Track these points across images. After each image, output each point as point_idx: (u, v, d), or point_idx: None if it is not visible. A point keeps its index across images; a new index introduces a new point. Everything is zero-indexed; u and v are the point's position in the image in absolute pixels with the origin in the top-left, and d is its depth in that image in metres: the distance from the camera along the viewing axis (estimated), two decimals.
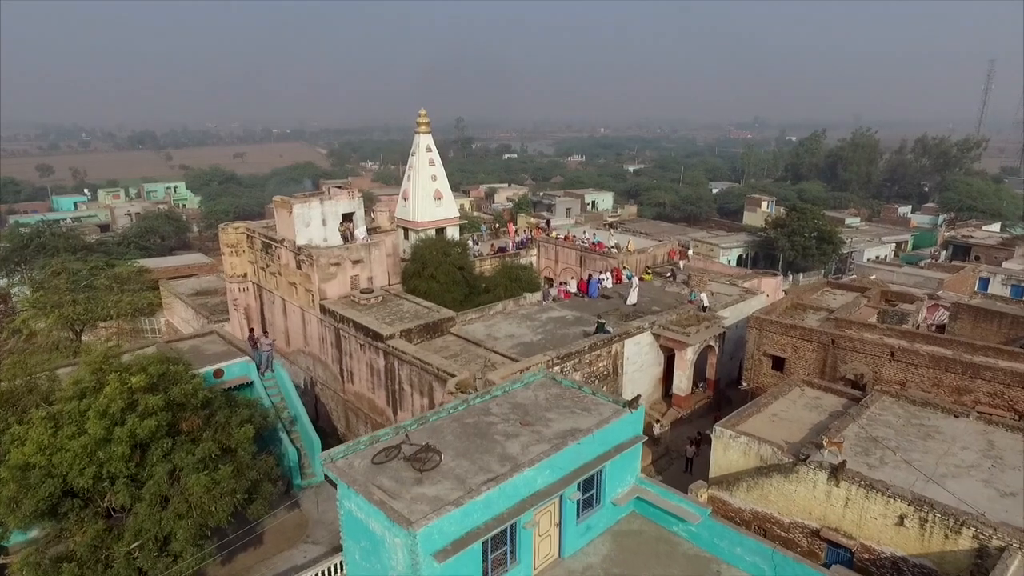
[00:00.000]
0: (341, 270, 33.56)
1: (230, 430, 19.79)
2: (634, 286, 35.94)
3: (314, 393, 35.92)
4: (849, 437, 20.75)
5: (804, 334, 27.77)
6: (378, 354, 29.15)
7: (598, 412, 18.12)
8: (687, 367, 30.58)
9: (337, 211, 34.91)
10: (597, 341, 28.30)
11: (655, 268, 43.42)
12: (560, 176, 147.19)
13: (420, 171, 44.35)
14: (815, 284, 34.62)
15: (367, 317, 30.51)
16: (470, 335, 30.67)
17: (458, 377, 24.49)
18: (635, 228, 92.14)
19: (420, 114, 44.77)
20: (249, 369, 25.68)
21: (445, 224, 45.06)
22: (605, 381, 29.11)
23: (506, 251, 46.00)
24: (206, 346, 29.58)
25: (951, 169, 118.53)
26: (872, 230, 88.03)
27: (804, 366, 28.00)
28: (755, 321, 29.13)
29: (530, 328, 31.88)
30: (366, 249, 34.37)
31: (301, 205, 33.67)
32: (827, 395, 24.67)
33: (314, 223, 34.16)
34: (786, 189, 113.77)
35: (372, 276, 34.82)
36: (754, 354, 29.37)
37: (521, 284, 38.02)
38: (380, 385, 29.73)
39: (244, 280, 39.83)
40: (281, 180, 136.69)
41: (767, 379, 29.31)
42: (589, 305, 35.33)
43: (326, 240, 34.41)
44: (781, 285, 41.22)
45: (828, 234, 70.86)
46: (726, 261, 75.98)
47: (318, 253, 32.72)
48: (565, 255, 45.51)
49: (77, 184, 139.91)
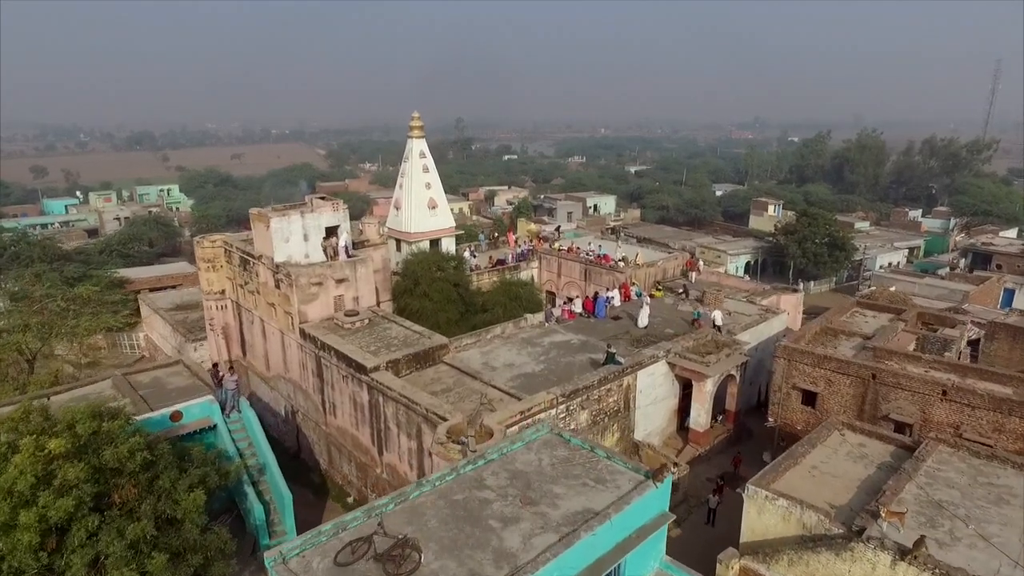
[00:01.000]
0: (323, 290, 30.26)
1: (177, 496, 16.52)
2: (644, 305, 32.67)
3: (295, 423, 32.66)
4: (908, 502, 17.47)
5: (840, 367, 24.48)
6: (361, 387, 25.87)
7: (615, 484, 14.83)
8: (706, 400, 27.30)
9: (320, 224, 31.57)
10: (607, 374, 25.02)
11: (665, 283, 40.15)
12: (561, 178, 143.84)
13: (413, 178, 41.04)
14: (844, 305, 31.33)
15: (350, 345, 27.21)
16: (465, 364, 27.38)
17: (450, 422, 21.21)
18: (639, 233, 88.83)
19: (413, 117, 41.45)
20: (212, 411, 22.41)
21: (440, 235, 41.76)
22: (615, 418, 25.83)
23: (505, 264, 42.68)
24: (170, 379, 26.32)
25: (960, 171, 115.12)
26: (883, 235, 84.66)
27: (840, 402, 24.71)
28: (784, 351, 25.84)
29: (531, 355, 28.59)
30: (351, 267, 31.05)
31: (279, 219, 30.35)
32: (872, 441, 21.38)
33: (294, 238, 30.83)
34: (791, 192, 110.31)
35: (358, 296, 31.51)
36: (782, 387, 26.09)
37: (521, 303, 34.73)
38: (364, 421, 26.46)
39: (222, 297, 36.54)
40: (277, 182, 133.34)
41: (797, 415, 26.03)
42: (596, 327, 32.04)
43: (308, 256, 31.10)
44: (802, 302, 37.97)
45: (841, 241, 67.65)
46: (734, 268, 72.83)
47: (297, 272, 29.41)
48: (568, 268, 42.21)
49: (69, 186, 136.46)
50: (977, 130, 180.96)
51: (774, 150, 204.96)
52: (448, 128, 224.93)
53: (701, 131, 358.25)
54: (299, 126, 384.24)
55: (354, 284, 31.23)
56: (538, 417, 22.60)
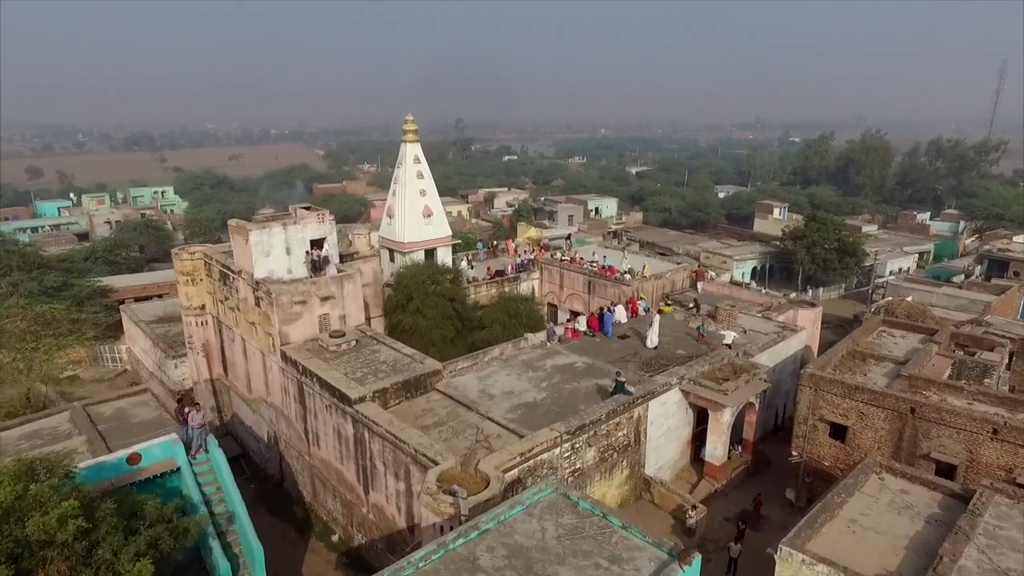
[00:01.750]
0: (307, 309, 27.75)
1: (120, 568, 14.05)
2: (653, 324, 30.14)
3: (278, 449, 30.17)
4: (970, 570, 15.00)
5: (874, 398, 21.98)
6: (346, 419, 23.37)
7: (633, 565, 12.36)
8: (723, 432, 24.81)
9: (304, 237, 29.07)
10: (616, 406, 22.52)
11: (674, 296, 37.66)
12: (561, 179, 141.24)
13: (407, 185, 38.52)
14: (870, 324, 28.84)
15: (334, 372, 24.71)
16: (460, 392, 24.89)
17: (441, 466, 18.71)
18: (641, 237, 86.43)
19: (407, 120, 38.92)
20: (175, 451, 19.90)
21: (435, 244, 39.24)
22: (625, 453, 23.33)
23: (504, 275, 40.11)
24: (135, 410, 23.84)
25: (967, 173, 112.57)
26: (891, 239, 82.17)
27: (874, 438, 22.22)
28: (810, 379, 23.33)
29: (532, 381, 26.08)
30: (338, 283, 28.54)
31: (260, 231, 27.84)
32: (916, 487, 18.91)
33: (276, 252, 28.33)
34: (796, 194, 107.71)
35: (345, 314, 29.00)
36: (808, 418, 23.58)
37: (521, 320, 32.21)
38: (349, 456, 23.97)
39: (202, 312, 34.06)
40: (273, 184, 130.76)
41: (824, 449, 23.53)
42: (602, 348, 29.54)
43: (291, 272, 28.61)
44: (820, 317, 35.48)
45: (851, 246, 65.11)
46: (740, 275, 70.32)
47: (279, 290, 26.91)
48: (571, 280, 39.66)
49: (63, 188, 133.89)
50: (978, 130, 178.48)
51: (775, 150, 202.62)
52: (448, 128, 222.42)
53: (702, 131, 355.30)
54: (299, 126, 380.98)
55: (341, 302, 28.72)
56: (540, 459, 20.14)
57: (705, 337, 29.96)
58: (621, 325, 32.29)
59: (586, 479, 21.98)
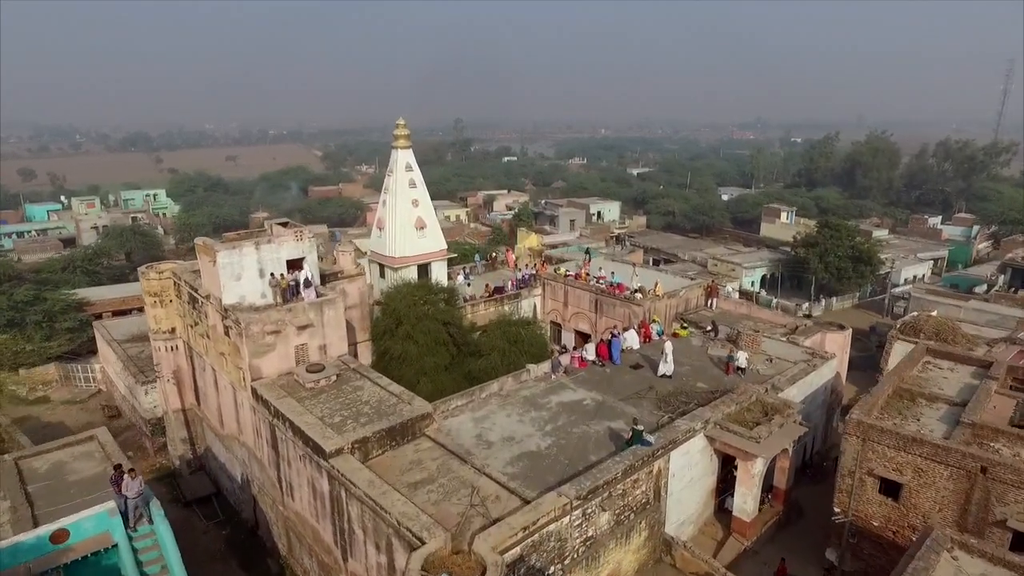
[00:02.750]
0: (281, 339, 24.43)
1: None
2: (667, 351, 26.83)
3: (251, 493, 26.88)
4: None
5: (935, 453, 18.67)
6: (321, 473, 20.08)
7: None
8: (754, 484, 21.53)
9: (279, 257, 25.75)
10: (634, 460, 19.22)
11: (689, 315, 34.33)
12: (562, 180, 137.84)
13: (398, 195, 35.19)
14: (914, 355, 25.51)
15: (308, 416, 21.39)
16: (453, 439, 21.58)
17: (428, 547, 15.42)
18: (645, 242, 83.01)
19: (398, 125, 35.55)
20: (112, 524, 16.57)
21: (429, 259, 35.96)
22: (643, 512, 20.04)
23: (504, 292, 36.75)
24: (77, 464, 20.51)
25: (977, 175, 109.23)
26: (904, 244, 78.89)
27: (934, 499, 18.93)
28: (856, 427, 20.02)
29: (536, 423, 22.79)
30: (317, 310, 25.21)
31: (229, 252, 24.52)
32: (997, 570, 15.62)
33: (248, 275, 25.02)
34: (802, 196, 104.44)
35: (325, 344, 25.68)
36: (855, 472, 20.27)
37: (522, 348, 28.83)
38: (325, 515, 20.67)
39: (172, 336, 30.77)
40: (268, 186, 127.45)
41: (873, 508, 20.24)
42: (613, 380, 26.22)
43: (264, 297, 25.31)
44: (849, 341, 32.18)
45: (866, 254, 61.81)
46: (749, 282, 67.12)
47: (249, 319, 23.58)
48: (576, 297, 36.29)
49: (55, 190, 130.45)
50: (979, 130, 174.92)
51: (777, 150, 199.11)
52: (447, 129, 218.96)
53: (702, 131, 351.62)
54: (297, 127, 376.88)
55: (320, 330, 25.41)
56: (547, 530, 16.86)
57: (733, 367, 26.71)
58: (633, 352, 29.02)
59: (599, 547, 18.71)
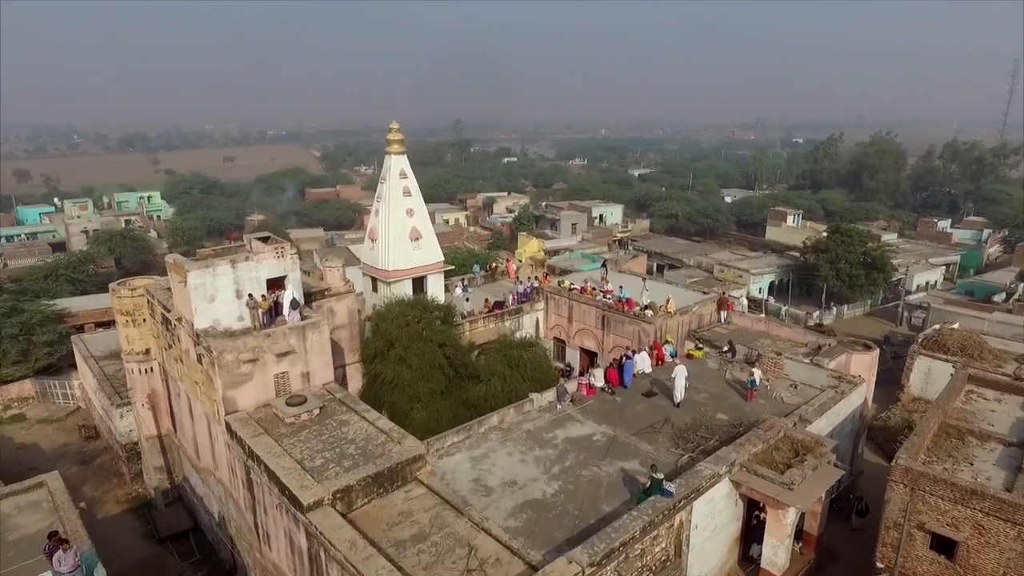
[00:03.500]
0: (259, 368, 22.00)
1: None
2: (679, 375, 24.43)
3: (228, 533, 24.47)
4: None
5: (1000, 508, 16.24)
6: (298, 527, 17.66)
7: None
8: (786, 535, 19.11)
9: (259, 276, 23.29)
10: (654, 515, 16.79)
11: (702, 332, 31.90)
12: (562, 182, 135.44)
13: (392, 204, 32.74)
14: (955, 385, 23.06)
15: (286, 459, 18.95)
16: (449, 484, 19.15)
17: None
18: (649, 246, 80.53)
19: (391, 129, 33.13)
20: None
21: (425, 272, 33.50)
22: (662, 572, 17.61)
23: (504, 307, 34.30)
24: (20, 517, 18.05)
25: (985, 177, 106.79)
26: (914, 248, 76.23)
27: (998, 560, 16.49)
28: (904, 475, 17.58)
29: (540, 464, 20.37)
30: (299, 335, 22.78)
31: (201, 271, 22.07)
32: None
33: (223, 296, 22.57)
34: (807, 198, 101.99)
35: (308, 371, 23.26)
36: (903, 525, 17.84)
37: (524, 374, 26.28)
38: (304, 572, 18.26)
39: (147, 358, 28.35)
40: (265, 188, 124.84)
41: (924, 566, 17.81)
42: (624, 411, 23.77)
43: (242, 320, 22.88)
44: (876, 361, 29.74)
45: (879, 261, 59.38)
46: (757, 289, 64.60)
47: (222, 346, 21.15)
48: (582, 313, 33.81)
49: (48, 192, 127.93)
50: (980, 131, 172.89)
51: (778, 151, 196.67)
52: (446, 130, 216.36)
53: (703, 131, 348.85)
54: (297, 127, 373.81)
55: (303, 357, 22.97)
56: None
57: (755, 393, 24.33)
58: (644, 375, 26.61)
59: None
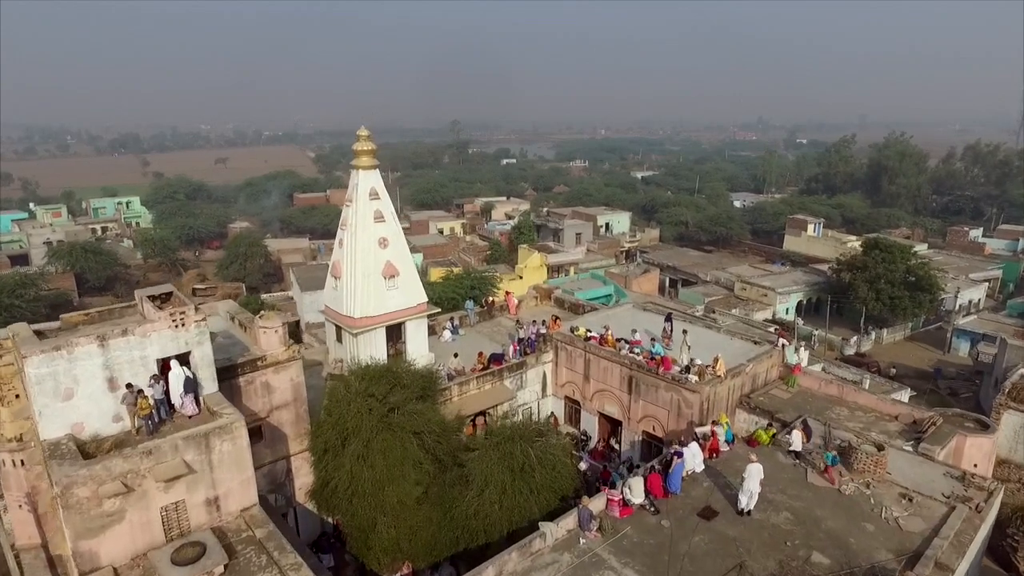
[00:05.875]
0: (136, 502, 14.42)
1: None
2: (752, 477, 16.99)
3: None
4: None
5: None
6: None
7: None
8: None
9: (146, 356, 15.72)
10: None
11: (757, 396, 24.28)
12: (563, 185, 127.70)
13: (360, 232, 25.04)
14: None
15: None
16: None
17: None
18: (660, 259, 72.82)
19: (359, 137, 25.43)
20: None
21: (403, 318, 25.84)
22: None
23: (504, 362, 26.54)
24: None
25: (1012, 180, 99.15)
26: (949, 261, 68.34)
27: None
28: None
29: None
30: (199, 446, 15.17)
31: (47, 357, 14.50)
32: None
33: (86, 389, 15.02)
34: (823, 204, 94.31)
35: (217, 495, 15.67)
36: None
37: (533, 480, 18.49)
38: None
39: (23, 446, 20.69)
40: (252, 192, 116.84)
41: None
42: (676, 547, 16.16)
43: (121, 420, 15.35)
44: (996, 447, 22.33)
45: (924, 280, 51.86)
46: (784, 310, 57.11)
47: (69, 477, 13.59)
48: (602, 370, 26.03)
49: (27, 196, 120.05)
50: (982, 131, 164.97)
51: (784, 153, 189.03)
52: (444, 131, 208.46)
53: (703, 132, 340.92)
54: (294, 128, 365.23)
55: (207, 477, 15.37)
56: None
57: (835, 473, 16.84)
58: (695, 476, 19.06)
59: None
